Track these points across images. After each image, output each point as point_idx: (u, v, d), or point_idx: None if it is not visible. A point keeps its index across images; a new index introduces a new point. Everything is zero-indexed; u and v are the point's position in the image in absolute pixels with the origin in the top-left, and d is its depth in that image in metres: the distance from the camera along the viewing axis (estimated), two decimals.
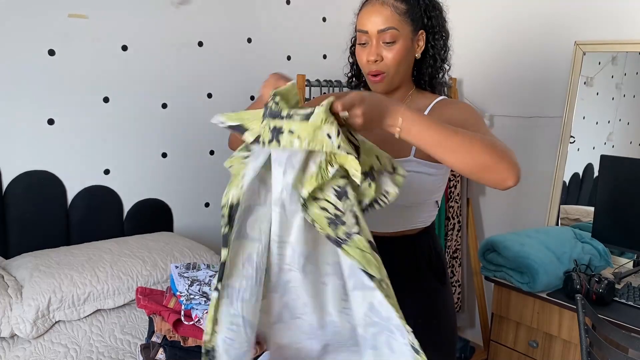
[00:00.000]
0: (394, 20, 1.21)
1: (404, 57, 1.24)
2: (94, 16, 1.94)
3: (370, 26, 1.22)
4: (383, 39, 1.21)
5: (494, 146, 1.01)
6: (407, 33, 1.23)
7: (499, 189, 1.05)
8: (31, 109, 1.88)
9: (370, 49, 1.23)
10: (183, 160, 2.25)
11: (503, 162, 1.00)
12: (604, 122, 2.46)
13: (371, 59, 1.22)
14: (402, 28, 1.22)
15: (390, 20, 1.21)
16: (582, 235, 2.23)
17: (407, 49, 1.24)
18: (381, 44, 1.22)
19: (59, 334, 1.59)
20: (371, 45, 1.23)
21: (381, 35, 1.21)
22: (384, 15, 1.21)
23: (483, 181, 1.04)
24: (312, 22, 2.53)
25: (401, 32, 1.22)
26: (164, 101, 2.16)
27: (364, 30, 1.23)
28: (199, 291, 1.47)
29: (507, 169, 1.01)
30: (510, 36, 2.65)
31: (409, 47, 1.24)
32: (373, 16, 1.21)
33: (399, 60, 1.23)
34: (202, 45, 2.22)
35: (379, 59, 1.23)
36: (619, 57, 2.35)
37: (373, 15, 1.21)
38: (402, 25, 1.22)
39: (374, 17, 1.21)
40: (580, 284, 1.90)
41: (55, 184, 1.95)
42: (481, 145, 0.99)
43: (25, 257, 1.78)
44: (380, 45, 1.22)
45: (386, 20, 1.21)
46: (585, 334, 1.68)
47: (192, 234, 2.28)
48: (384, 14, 1.21)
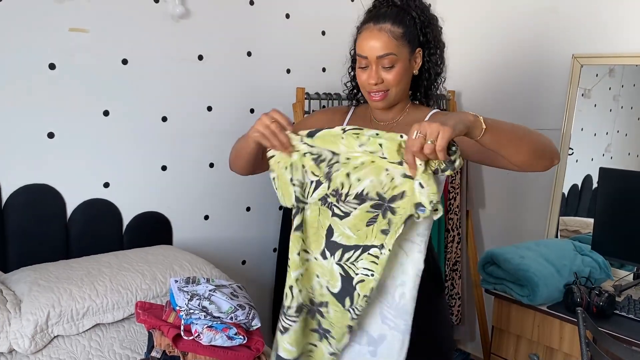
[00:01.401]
0: (391, 45, 1.24)
1: (403, 77, 1.29)
2: (94, 30, 1.95)
3: (369, 52, 1.25)
4: (382, 64, 1.25)
5: (540, 134, 1.14)
6: (404, 55, 1.27)
7: (542, 171, 1.15)
8: (31, 123, 1.88)
9: (370, 73, 1.27)
10: (183, 173, 2.25)
11: (551, 146, 1.15)
12: (602, 133, 2.47)
13: (372, 82, 1.27)
14: (400, 52, 1.25)
15: (388, 46, 1.24)
16: (582, 247, 2.23)
17: (406, 69, 1.28)
18: (380, 67, 1.26)
19: (58, 349, 1.58)
20: (371, 69, 1.27)
21: (380, 60, 1.25)
22: (381, 41, 1.24)
23: (533, 169, 1.14)
24: (311, 36, 2.54)
25: (399, 55, 1.26)
26: (164, 114, 2.17)
27: (363, 55, 1.27)
28: (199, 306, 1.46)
29: (552, 151, 1.15)
30: (508, 49, 2.67)
31: (407, 67, 1.29)
32: (371, 42, 1.25)
33: (398, 80, 1.28)
34: (202, 59, 2.23)
35: (380, 82, 1.27)
36: (617, 70, 2.37)
37: (371, 42, 1.25)
38: (399, 49, 1.25)
39: (372, 43, 1.24)
40: (581, 296, 1.89)
41: (55, 197, 1.95)
42: (536, 136, 1.12)
43: (24, 271, 1.77)
44: (379, 69, 1.26)
45: (384, 47, 1.24)
46: (586, 347, 1.67)
47: (192, 247, 2.27)
48: (381, 40, 1.24)
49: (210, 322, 1.43)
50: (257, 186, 2.48)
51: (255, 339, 1.48)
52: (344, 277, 1.12)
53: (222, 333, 1.43)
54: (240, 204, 2.45)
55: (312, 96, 2.34)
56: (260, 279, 2.57)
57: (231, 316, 1.47)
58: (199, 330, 1.41)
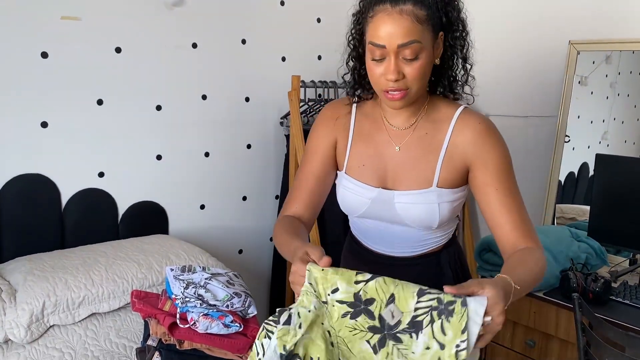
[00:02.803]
0: (415, 31, 1.01)
1: (427, 70, 1.07)
2: (86, 18, 1.93)
3: (388, 40, 1.02)
4: (403, 55, 1.03)
5: (544, 259, 1.07)
6: (428, 42, 1.05)
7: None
8: (24, 112, 1.86)
9: (388, 66, 1.04)
10: (178, 163, 2.24)
11: (544, 266, 1.08)
12: (598, 121, 2.46)
13: (391, 78, 1.04)
14: (424, 38, 1.03)
15: (412, 32, 1.01)
16: (578, 234, 2.23)
17: (430, 60, 1.07)
18: (401, 59, 1.04)
19: (54, 339, 1.58)
20: (389, 61, 1.04)
21: (401, 50, 1.02)
22: (404, 27, 1.01)
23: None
24: (306, 23, 2.53)
25: (424, 43, 1.03)
26: (158, 103, 2.15)
27: (380, 44, 1.03)
28: (195, 294, 1.46)
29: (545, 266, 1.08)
30: (504, 36, 2.66)
31: (431, 57, 1.07)
32: (390, 28, 1.01)
33: (422, 75, 1.06)
34: (196, 47, 2.21)
35: (400, 77, 1.04)
36: (613, 56, 2.36)
37: (390, 27, 1.01)
38: (424, 35, 1.03)
39: (392, 29, 1.01)
40: (577, 283, 1.90)
41: (49, 187, 1.94)
42: (543, 271, 1.06)
43: (19, 261, 1.77)
44: (400, 61, 1.04)
45: (407, 33, 1.01)
46: (582, 333, 1.68)
47: (188, 236, 2.27)
48: (404, 26, 1.01)
49: (206, 310, 1.42)
50: (253, 175, 2.48)
51: (251, 326, 1.48)
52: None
53: (218, 321, 1.42)
54: (237, 193, 2.45)
55: (307, 84, 2.33)
56: (257, 268, 2.58)
57: (227, 304, 1.46)
58: (195, 318, 1.41)
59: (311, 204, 1.25)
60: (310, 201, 1.25)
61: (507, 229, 1.10)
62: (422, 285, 0.92)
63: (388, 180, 1.19)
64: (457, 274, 1.30)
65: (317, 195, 1.26)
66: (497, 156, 1.11)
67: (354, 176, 1.21)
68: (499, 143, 1.13)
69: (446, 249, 1.28)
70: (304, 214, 1.24)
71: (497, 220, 1.11)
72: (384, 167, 1.19)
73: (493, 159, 1.11)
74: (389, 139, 1.18)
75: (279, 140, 2.50)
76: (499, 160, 1.11)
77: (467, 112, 1.15)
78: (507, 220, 1.10)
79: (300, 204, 1.24)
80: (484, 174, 1.12)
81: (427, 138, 1.15)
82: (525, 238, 1.09)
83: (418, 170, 1.15)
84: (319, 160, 1.25)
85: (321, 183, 1.26)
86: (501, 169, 1.11)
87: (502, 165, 1.12)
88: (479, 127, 1.12)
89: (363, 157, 1.20)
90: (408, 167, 1.16)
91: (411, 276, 1.27)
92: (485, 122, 1.14)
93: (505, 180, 1.11)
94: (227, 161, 2.38)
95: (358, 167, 1.21)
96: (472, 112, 1.16)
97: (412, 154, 1.16)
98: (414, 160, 1.16)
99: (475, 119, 1.14)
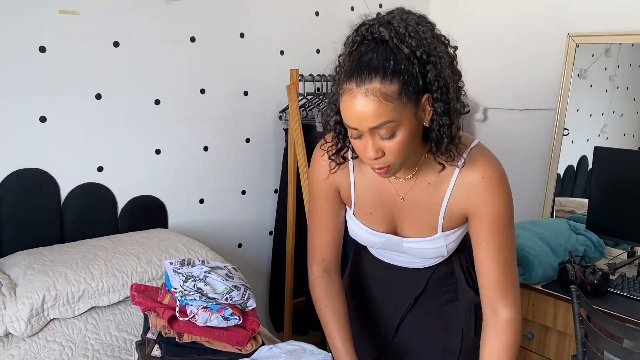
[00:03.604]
0: (386, 111, 0.92)
1: (410, 142, 0.99)
2: (85, 12, 1.93)
3: (358, 124, 0.95)
4: (379, 134, 0.96)
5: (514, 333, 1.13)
6: (407, 114, 0.95)
7: None
8: (23, 107, 1.86)
9: (365, 146, 0.98)
10: (177, 157, 2.25)
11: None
12: (597, 114, 2.46)
13: (370, 157, 0.98)
14: (399, 115, 0.94)
15: (382, 113, 0.92)
16: (576, 226, 2.24)
17: (412, 131, 0.98)
18: (378, 137, 0.97)
19: (54, 332, 1.59)
20: (366, 140, 0.97)
21: (375, 130, 0.95)
22: (372, 109, 0.92)
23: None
24: (304, 17, 2.52)
25: (400, 119, 0.94)
26: (156, 97, 2.15)
27: (352, 127, 0.97)
28: (194, 287, 1.46)
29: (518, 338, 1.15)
30: (503, 29, 2.65)
31: (414, 127, 0.98)
32: (358, 111, 0.93)
33: (403, 149, 0.98)
34: (194, 40, 2.21)
35: (380, 155, 0.98)
36: (612, 49, 2.35)
37: (357, 112, 0.93)
38: (398, 111, 0.93)
39: (360, 112, 0.93)
40: (575, 275, 1.91)
41: (48, 181, 1.94)
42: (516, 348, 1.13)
43: (19, 255, 1.77)
44: (377, 139, 0.97)
45: (377, 115, 0.92)
46: (580, 324, 1.69)
47: (188, 231, 2.27)
48: (371, 109, 0.92)
49: (205, 303, 1.43)
50: (253, 169, 2.48)
51: (250, 319, 1.49)
52: None
53: (218, 314, 1.43)
54: (236, 187, 2.45)
55: (306, 78, 2.33)
56: (257, 261, 2.58)
57: (226, 297, 1.47)
58: (194, 311, 1.41)
59: (335, 246, 1.30)
60: (332, 244, 1.30)
61: (489, 283, 1.13)
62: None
63: (396, 226, 1.22)
64: (469, 275, 1.32)
65: (337, 236, 1.30)
66: (493, 210, 1.09)
67: (362, 222, 1.23)
68: (500, 196, 1.08)
69: (457, 252, 1.30)
70: (332, 261, 1.30)
71: (481, 272, 1.14)
72: (390, 215, 1.20)
73: (489, 213, 1.09)
74: (392, 189, 1.17)
75: (278, 134, 2.50)
76: (495, 214, 1.09)
77: (470, 164, 1.07)
78: (490, 274, 1.13)
79: (326, 251, 1.29)
80: (478, 225, 1.12)
81: (429, 189, 1.13)
82: (504, 297, 1.13)
83: (422, 220, 1.17)
84: (327, 206, 1.26)
85: (336, 224, 1.28)
86: (496, 224, 1.10)
87: (498, 220, 1.10)
88: (481, 181, 1.07)
89: (369, 206, 1.21)
90: (413, 217, 1.18)
91: (423, 280, 1.31)
92: (488, 176, 1.07)
93: (498, 235, 1.11)
94: (226, 155, 2.38)
95: (365, 214, 1.22)
96: (476, 160, 1.08)
97: (416, 204, 1.16)
98: (418, 211, 1.16)
99: (479, 173, 1.07)
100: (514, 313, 1.13)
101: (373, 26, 0.96)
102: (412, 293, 1.32)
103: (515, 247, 1.16)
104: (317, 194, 1.25)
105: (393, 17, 0.97)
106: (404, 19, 0.96)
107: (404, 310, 1.34)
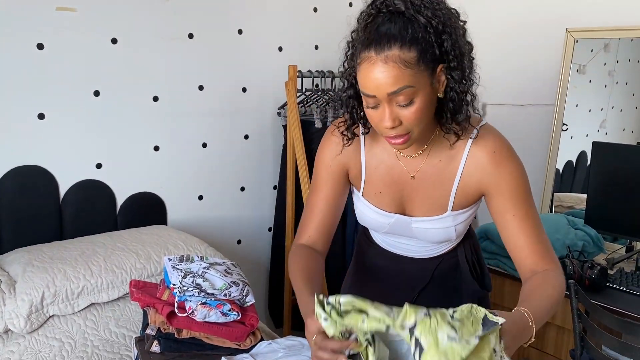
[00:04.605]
0: (405, 77, 0.94)
1: (427, 110, 1.01)
2: (82, 9, 1.93)
3: (376, 91, 0.96)
4: (397, 101, 0.97)
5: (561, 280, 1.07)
6: (424, 81, 0.97)
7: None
8: (21, 104, 1.86)
9: (382, 114, 0.99)
10: (175, 153, 2.25)
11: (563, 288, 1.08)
12: (596, 109, 2.46)
13: (387, 126, 0.99)
14: (418, 81, 0.95)
15: (401, 79, 0.94)
16: (575, 221, 2.24)
17: (429, 99, 0.99)
18: (395, 105, 0.98)
19: (54, 329, 1.59)
20: (383, 109, 0.98)
21: (393, 97, 0.96)
22: (391, 75, 0.94)
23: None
24: (303, 13, 2.52)
25: (418, 86, 0.96)
26: (155, 94, 2.15)
27: (370, 94, 0.98)
28: (193, 283, 1.46)
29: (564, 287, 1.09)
30: (501, 24, 2.65)
31: (431, 94, 1.00)
32: (377, 78, 0.95)
33: (421, 117, 0.99)
34: (192, 37, 2.20)
35: (397, 124, 0.99)
36: (612, 44, 2.35)
37: (377, 76, 0.95)
38: (417, 77, 0.95)
39: (378, 79, 0.95)
40: (574, 270, 1.91)
41: (47, 178, 1.94)
42: (561, 294, 1.06)
43: (18, 252, 1.77)
44: (394, 107, 0.98)
45: (396, 81, 0.94)
46: (578, 319, 1.69)
47: (187, 227, 2.27)
48: (391, 74, 0.94)
49: (204, 298, 1.43)
50: (251, 166, 2.48)
51: (249, 315, 1.49)
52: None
53: (216, 309, 1.43)
54: (235, 183, 2.45)
55: (304, 74, 2.33)
56: (256, 258, 2.59)
57: (225, 293, 1.47)
58: (193, 307, 1.42)
59: (325, 230, 1.25)
60: (324, 228, 1.25)
61: (526, 253, 1.10)
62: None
63: (405, 206, 1.21)
64: (474, 268, 1.33)
65: (331, 220, 1.25)
66: (512, 181, 1.10)
67: (371, 202, 1.22)
68: (515, 167, 1.10)
69: (463, 243, 1.31)
70: (318, 241, 1.24)
71: (514, 245, 1.11)
72: (400, 194, 1.20)
73: (509, 185, 1.10)
74: (403, 167, 1.17)
75: (277, 131, 2.50)
76: (514, 185, 1.10)
77: (481, 139, 1.10)
78: (525, 244, 1.10)
79: (314, 231, 1.24)
80: (500, 201, 1.11)
81: (441, 165, 1.14)
82: (544, 260, 1.09)
83: (433, 198, 1.16)
84: (331, 186, 1.23)
85: (334, 208, 1.25)
86: (517, 194, 1.10)
87: (519, 190, 1.10)
88: (493, 155, 1.10)
89: (379, 185, 1.20)
90: (423, 195, 1.17)
91: (428, 272, 1.31)
92: (499, 149, 1.10)
93: (522, 205, 1.11)
94: (225, 152, 2.38)
95: (375, 194, 1.21)
96: (486, 136, 1.11)
97: (427, 182, 1.16)
98: (429, 188, 1.16)
99: (489, 147, 1.10)
100: (560, 270, 1.10)
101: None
102: (417, 287, 1.33)
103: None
104: (323, 174, 1.23)
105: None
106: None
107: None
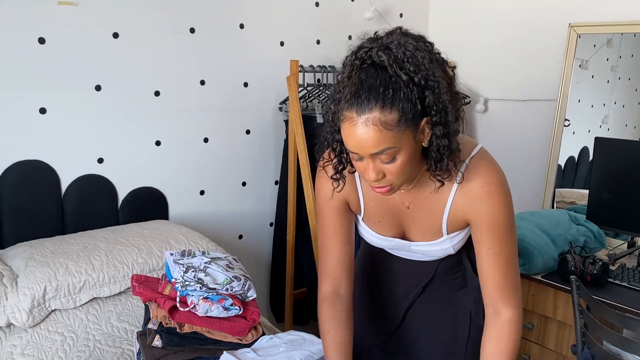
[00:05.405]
0: (386, 139, 0.95)
1: (410, 163, 1.03)
2: (83, 3, 1.92)
3: (359, 150, 0.99)
4: (380, 159, 1.00)
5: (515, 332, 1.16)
6: (407, 139, 0.98)
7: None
8: (22, 98, 1.86)
9: (367, 166, 1.02)
10: (177, 148, 2.24)
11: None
12: (599, 105, 2.45)
13: (371, 178, 1.02)
14: (399, 141, 0.97)
15: (382, 141, 0.96)
16: (577, 217, 2.24)
17: (412, 153, 1.01)
18: (378, 161, 1.00)
19: (56, 323, 1.60)
20: (367, 162, 1.01)
21: (376, 156, 0.99)
22: (372, 138, 0.95)
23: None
24: (304, 7, 2.51)
25: (399, 145, 0.97)
26: (156, 89, 2.15)
27: (353, 151, 1.01)
28: (194, 277, 1.47)
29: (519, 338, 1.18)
30: (504, 19, 2.64)
31: (414, 149, 1.01)
32: (359, 140, 0.97)
33: (403, 170, 1.02)
34: (194, 31, 2.20)
35: (380, 177, 1.02)
36: (614, 39, 2.34)
37: (358, 140, 0.97)
38: (398, 137, 0.96)
39: (360, 141, 0.97)
40: (575, 265, 1.91)
41: (49, 173, 1.94)
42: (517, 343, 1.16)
43: (20, 246, 1.77)
44: (377, 163, 1.00)
45: (377, 143, 0.96)
46: (579, 315, 1.69)
47: (188, 222, 2.27)
48: (371, 137, 0.95)
49: (205, 293, 1.43)
50: (253, 161, 2.48)
51: (251, 309, 1.50)
52: None
53: (218, 304, 1.43)
54: (236, 178, 2.45)
55: (306, 69, 2.32)
56: (258, 253, 2.59)
57: (227, 287, 1.47)
58: (195, 302, 1.42)
59: (345, 265, 1.28)
60: (343, 263, 1.28)
61: (489, 285, 1.16)
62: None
63: (404, 231, 1.26)
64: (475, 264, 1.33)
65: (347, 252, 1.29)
66: (492, 217, 1.11)
67: (372, 228, 1.28)
68: (498, 202, 1.11)
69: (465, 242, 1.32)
70: (342, 282, 1.28)
71: (483, 275, 1.17)
72: (398, 222, 1.25)
73: (489, 221, 1.12)
74: (398, 199, 1.21)
75: (278, 126, 2.49)
76: (494, 221, 1.12)
77: (471, 172, 1.10)
78: (491, 278, 1.15)
79: (335, 270, 1.27)
80: (479, 231, 1.14)
81: (432, 197, 1.17)
82: (505, 299, 1.15)
83: (428, 225, 1.21)
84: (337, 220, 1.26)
85: (347, 240, 1.28)
86: (495, 229, 1.12)
87: (498, 225, 1.12)
88: (481, 191, 1.10)
89: (377, 215, 1.25)
90: (419, 223, 1.22)
91: (432, 269, 1.34)
92: (487, 184, 1.10)
93: (498, 240, 1.13)
94: (227, 147, 2.38)
95: (375, 222, 1.27)
96: (475, 170, 1.10)
97: (421, 211, 1.20)
98: (423, 217, 1.20)
99: (478, 182, 1.10)
100: (515, 314, 1.15)
101: (372, 50, 0.97)
102: (421, 281, 1.35)
103: (517, 250, 1.19)
104: (327, 211, 1.27)
105: (391, 42, 0.98)
106: (402, 44, 0.97)
107: (412, 297, 1.37)
